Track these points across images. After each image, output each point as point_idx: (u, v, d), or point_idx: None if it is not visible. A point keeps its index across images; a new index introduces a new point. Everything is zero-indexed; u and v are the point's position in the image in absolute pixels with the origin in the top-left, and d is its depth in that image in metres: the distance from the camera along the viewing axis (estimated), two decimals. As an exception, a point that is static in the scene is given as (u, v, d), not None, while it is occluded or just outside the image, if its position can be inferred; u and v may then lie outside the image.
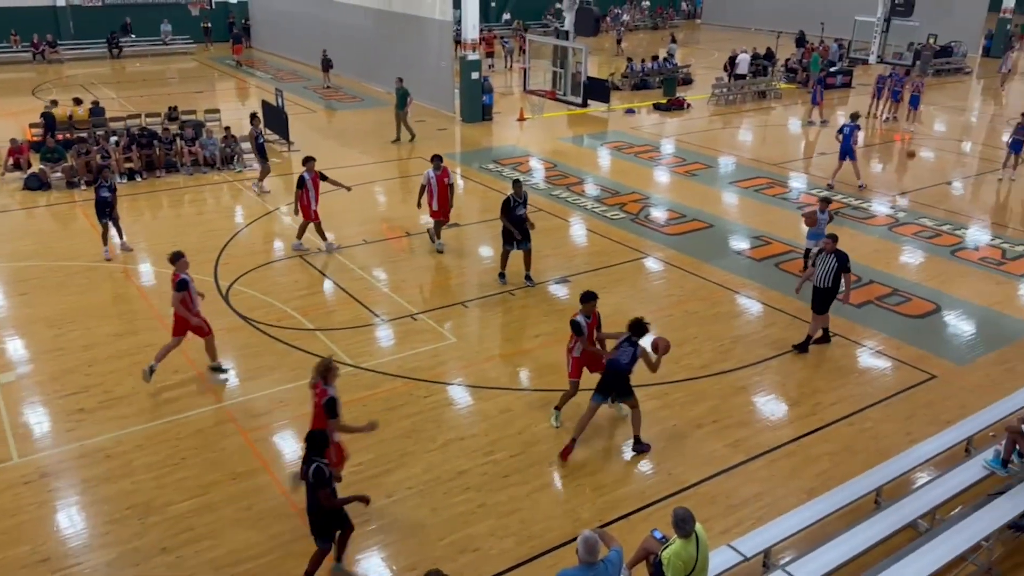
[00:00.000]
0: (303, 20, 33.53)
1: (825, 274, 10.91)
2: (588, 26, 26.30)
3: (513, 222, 12.74)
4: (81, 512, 8.02)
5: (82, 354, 10.89)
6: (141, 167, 18.63)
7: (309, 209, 14.08)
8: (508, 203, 12.73)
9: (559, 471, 8.71)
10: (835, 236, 11.17)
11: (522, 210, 12.81)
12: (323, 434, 6.89)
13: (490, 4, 44.70)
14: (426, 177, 14.02)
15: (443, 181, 14.00)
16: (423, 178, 14.07)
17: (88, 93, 26.24)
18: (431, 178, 13.94)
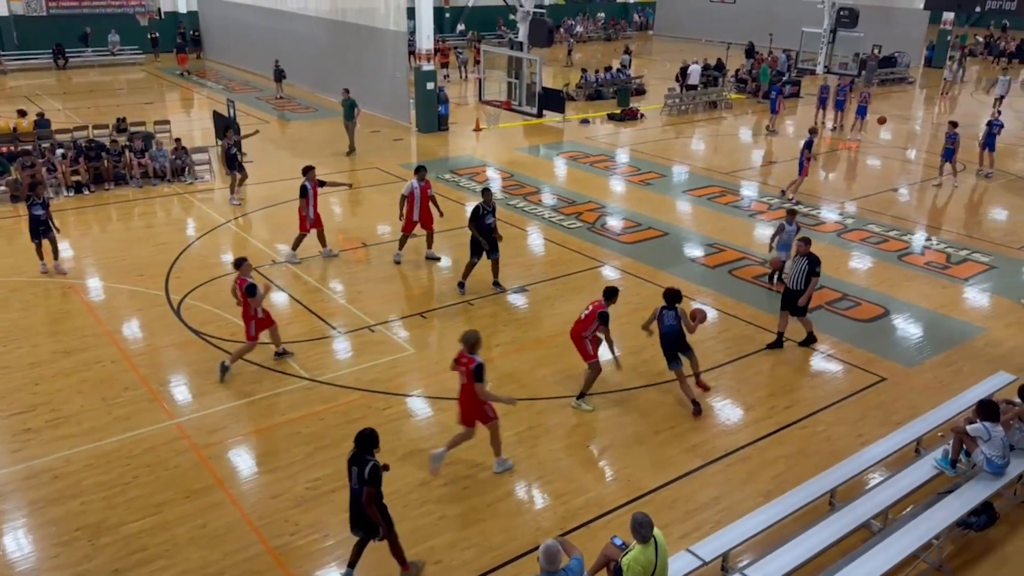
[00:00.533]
0: (255, 30, 33.18)
1: (797, 276, 11.25)
2: (541, 37, 26.47)
3: (482, 231, 12.75)
4: (28, 535, 7.77)
5: (28, 372, 10.58)
6: (89, 180, 18.21)
7: (307, 220, 14.12)
8: (477, 211, 12.73)
9: (519, 481, 8.71)
10: (808, 240, 11.45)
11: (491, 219, 12.85)
12: (373, 432, 7.00)
13: (444, 15, 44.77)
14: (409, 187, 13.87)
15: (426, 192, 13.95)
16: (405, 188, 13.93)
17: (33, 105, 25.59)
18: (415, 188, 13.83)
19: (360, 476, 6.85)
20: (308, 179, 14.00)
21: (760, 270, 14.47)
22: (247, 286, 10.19)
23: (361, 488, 6.88)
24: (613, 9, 53.64)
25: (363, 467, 6.85)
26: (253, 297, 10.20)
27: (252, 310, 10.29)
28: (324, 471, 8.70)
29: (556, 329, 12.14)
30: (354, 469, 6.90)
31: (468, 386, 8.42)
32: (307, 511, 8.15)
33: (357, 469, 6.87)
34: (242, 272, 10.31)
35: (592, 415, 9.93)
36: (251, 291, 10.18)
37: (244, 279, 10.25)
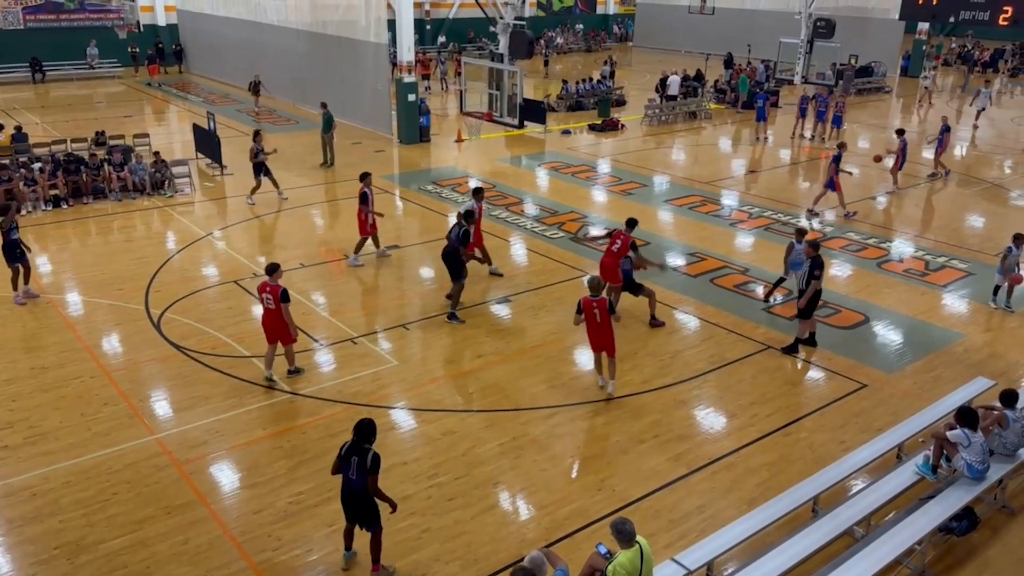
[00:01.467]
0: (235, 43, 33.10)
1: (802, 277, 11.49)
2: (522, 49, 26.59)
3: None
4: (5, 555, 7.64)
5: (5, 388, 10.43)
6: (67, 194, 18.04)
7: (367, 224, 14.53)
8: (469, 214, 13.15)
9: (504, 492, 8.68)
10: (816, 243, 11.62)
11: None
12: (372, 423, 7.21)
13: (425, 27, 44.89)
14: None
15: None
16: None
17: (10, 118, 25.34)
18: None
19: (362, 465, 7.02)
20: (366, 185, 14.51)
21: (741, 279, 14.57)
22: (282, 292, 10.27)
23: (362, 478, 7.04)
24: (593, 21, 54.03)
25: (364, 456, 7.03)
26: (287, 303, 10.30)
27: (285, 315, 10.34)
28: (306, 485, 8.63)
29: (540, 339, 12.15)
30: (354, 459, 7.04)
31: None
32: (290, 526, 8.08)
33: (358, 459, 7.03)
34: (274, 278, 10.38)
35: (575, 425, 9.93)
36: (285, 297, 10.27)
37: (277, 285, 10.34)
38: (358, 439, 7.12)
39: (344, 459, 7.14)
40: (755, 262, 15.43)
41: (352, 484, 7.13)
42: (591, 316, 10.18)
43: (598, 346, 10.46)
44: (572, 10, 53.20)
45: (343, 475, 7.19)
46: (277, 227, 17.22)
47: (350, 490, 7.17)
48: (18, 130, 21.50)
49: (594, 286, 10.23)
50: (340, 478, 7.23)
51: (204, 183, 20.14)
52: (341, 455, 7.18)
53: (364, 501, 7.18)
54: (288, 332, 10.50)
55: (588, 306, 10.15)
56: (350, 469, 7.10)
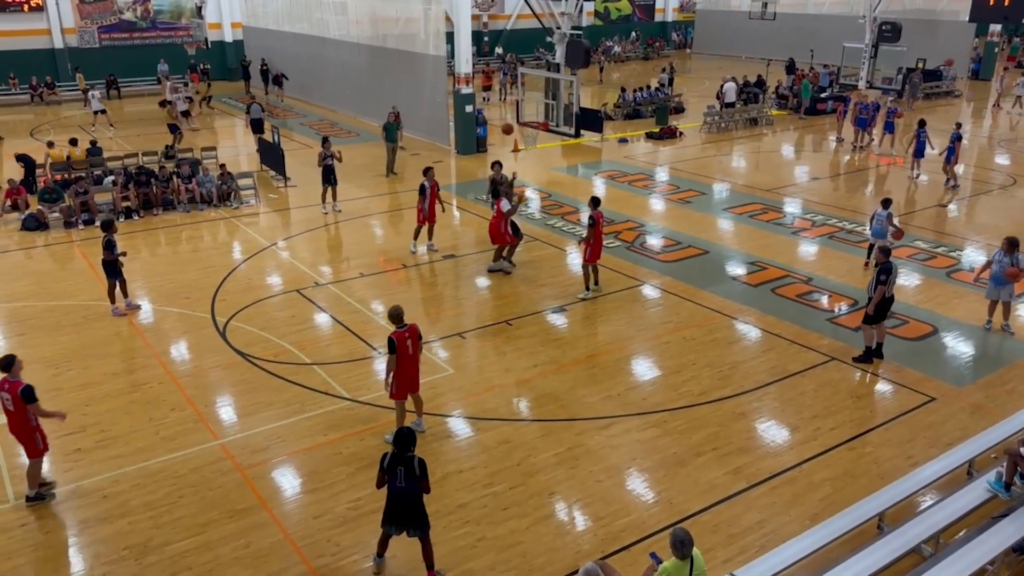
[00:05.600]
0: (298, 58, 33.91)
1: (871, 284, 11.34)
2: (578, 58, 26.58)
3: None
4: (78, 554, 7.94)
5: (79, 393, 10.86)
6: (138, 205, 18.72)
7: (422, 213, 15.73)
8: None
9: (559, 502, 8.65)
10: (887, 249, 11.39)
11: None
12: (411, 431, 7.37)
13: (483, 38, 45.28)
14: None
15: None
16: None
17: (86, 134, 26.44)
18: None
19: (410, 473, 7.15)
20: (427, 179, 15.49)
21: (804, 288, 14.28)
22: (23, 390, 8.43)
23: (414, 485, 7.19)
24: (651, 28, 53.70)
25: (410, 463, 7.15)
26: (33, 403, 8.45)
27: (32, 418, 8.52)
28: (365, 491, 8.74)
29: (595, 349, 12.09)
30: (400, 469, 7.16)
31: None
32: (348, 531, 8.20)
33: (404, 468, 7.15)
34: (12, 373, 8.56)
35: (631, 436, 9.84)
36: (28, 396, 8.40)
37: (17, 382, 8.51)
38: (399, 449, 7.20)
39: (389, 471, 7.22)
40: (819, 271, 15.08)
41: (402, 492, 7.23)
42: (403, 349, 9.13)
43: (413, 383, 9.49)
44: (630, 18, 53.00)
45: (389, 486, 7.27)
46: (338, 237, 17.54)
47: (401, 498, 7.26)
48: (93, 144, 22.42)
49: (396, 316, 9.13)
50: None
51: (268, 195, 20.67)
52: (384, 467, 7.24)
53: (415, 507, 7.31)
54: (33, 441, 8.50)
55: (401, 340, 9.10)
56: (397, 479, 7.20)
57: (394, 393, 9.42)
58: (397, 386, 9.37)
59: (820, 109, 31.16)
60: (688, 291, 14.16)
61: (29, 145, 24.94)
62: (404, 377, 9.37)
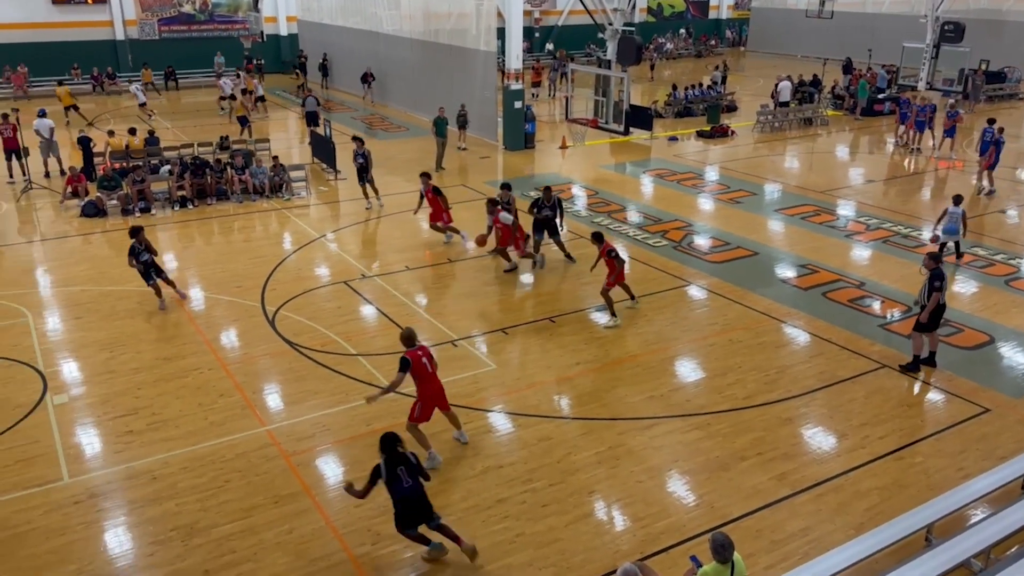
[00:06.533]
0: (352, 53, 34.30)
1: (923, 290, 11.07)
2: (630, 55, 26.41)
3: (539, 222, 14.85)
4: (127, 533, 8.17)
5: (132, 377, 11.16)
6: (193, 195, 19.14)
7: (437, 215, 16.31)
8: (536, 204, 14.87)
9: (599, 501, 8.62)
10: (936, 256, 11.08)
11: (548, 212, 14.72)
12: (391, 433, 7.54)
13: (534, 34, 45.21)
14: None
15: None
16: None
17: (144, 123, 27.12)
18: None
19: (412, 469, 7.39)
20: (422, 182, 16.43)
21: (856, 293, 13.98)
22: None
23: (417, 481, 7.41)
24: (704, 26, 53.02)
25: (407, 460, 7.38)
26: None
27: None
28: (406, 483, 8.81)
29: (638, 349, 12.01)
30: (400, 469, 7.34)
31: None
32: (388, 521, 8.24)
33: (404, 467, 7.35)
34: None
35: (674, 438, 9.75)
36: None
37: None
38: (389, 453, 7.35)
39: (390, 477, 7.33)
40: (872, 276, 14.75)
41: (411, 491, 7.40)
42: (422, 368, 8.88)
43: (441, 400, 9.18)
44: (683, 15, 52.41)
45: (396, 490, 7.39)
46: (385, 230, 17.70)
47: (411, 496, 7.41)
48: (151, 134, 22.99)
49: (408, 338, 8.94)
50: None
51: (319, 187, 20.95)
52: (385, 477, 7.34)
53: (424, 500, 7.52)
54: None
55: (417, 360, 8.84)
56: (402, 481, 7.34)
57: (417, 416, 9.07)
58: (421, 409, 9.05)
59: (877, 110, 30.44)
60: (736, 293, 13.97)
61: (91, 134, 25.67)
62: (428, 396, 9.06)
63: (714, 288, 14.20)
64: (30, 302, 13.59)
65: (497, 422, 10.15)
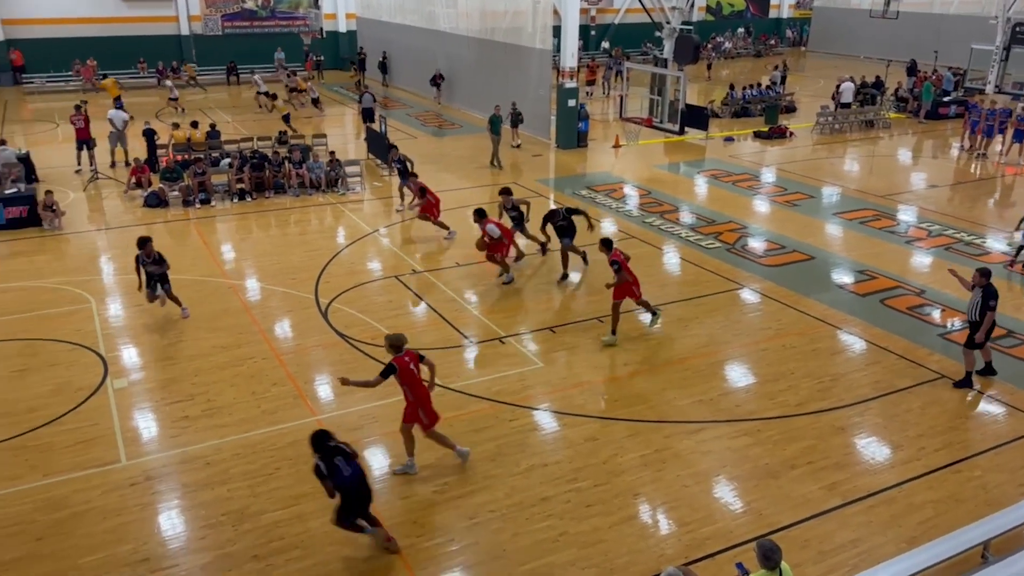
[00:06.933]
0: (408, 50, 34.62)
1: (973, 307, 10.70)
2: (687, 53, 26.12)
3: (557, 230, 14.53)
4: (180, 516, 8.39)
5: (189, 363, 11.45)
6: (251, 188, 19.55)
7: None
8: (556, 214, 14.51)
9: (644, 504, 8.55)
10: (987, 271, 10.75)
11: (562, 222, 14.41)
12: (317, 431, 7.71)
13: (590, 32, 45.03)
14: None
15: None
16: None
17: (206, 117, 27.79)
18: None
19: (348, 456, 7.58)
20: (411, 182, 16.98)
21: (916, 301, 13.61)
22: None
23: (357, 466, 7.61)
24: (764, 25, 52.11)
25: (342, 451, 7.58)
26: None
27: None
28: (451, 476, 8.89)
29: (688, 352, 11.88)
30: (338, 459, 7.50)
31: None
32: (433, 514, 8.36)
33: (342, 458, 7.53)
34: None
35: (722, 443, 9.62)
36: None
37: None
38: (322, 449, 7.48)
39: (330, 469, 7.44)
40: (932, 283, 14.33)
41: (354, 479, 7.55)
42: (410, 374, 8.63)
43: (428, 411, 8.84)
44: (743, 14, 51.60)
45: (340, 481, 7.47)
46: (436, 227, 17.82)
47: (356, 484, 7.57)
48: (212, 127, 23.55)
49: (396, 346, 8.66)
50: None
51: (373, 183, 21.22)
52: (326, 473, 7.43)
53: (367, 484, 7.70)
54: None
55: (404, 366, 8.58)
56: (341, 470, 7.48)
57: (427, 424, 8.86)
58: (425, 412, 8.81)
59: (942, 114, 29.54)
60: (790, 297, 13.71)
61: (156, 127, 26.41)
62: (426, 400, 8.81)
63: (768, 292, 13.97)
64: (94, 288, 14.06)
65: (543, 420, 10.15)
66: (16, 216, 17.07)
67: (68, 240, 16.72)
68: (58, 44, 35.16)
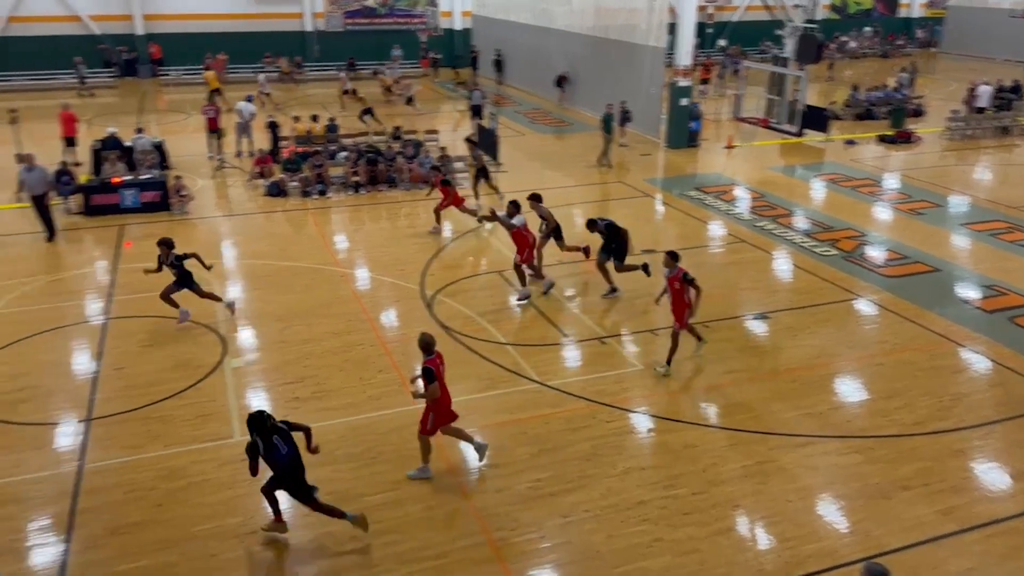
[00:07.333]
0: (522, 47, 34.83)
1: None
2: (810, 53, 25.17)
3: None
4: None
5: (301, 348, 11.92)
6: (365, 181, 20.15)
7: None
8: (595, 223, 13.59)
9: (743, 516, 8.32)
10: None
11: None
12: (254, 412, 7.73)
13: (706, 30, 44.05)
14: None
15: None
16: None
17: (325, 111, 28.81)
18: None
19: (286, 435, 7.65)
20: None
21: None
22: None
23: (293, 447, 7.67)
24: (893, 24, 49.58)
25: (279, 430, 7.63)
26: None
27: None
28: (545, 473, 8.91)
29: (798, 362, 11.48)
30: (275, 438, 7.57)
31: None
32: (527, 509, 8.40)
33: (279, 436, 7.60)
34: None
35: (830, 459, 9.24)
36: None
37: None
38: (260, 430, 7.52)
39: (267, 448, 7.52)
40: (1070, 303, 13.32)
41: (290, 459, 7.64)
42: (441, 377, 8.64)
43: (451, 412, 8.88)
44: (870, 13, 49.27)
45: (275, 460, 7.59)
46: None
47: (291, 464, 7.66)
48: (331, 121, 24.41)
49: (427, 345, 8.68)
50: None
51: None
52: (261, 452, 7.52)
53: (302, 470, 7.78)
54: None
55: (436, 368, 8.58)
56: (278, 450, 7.58)
57: (429, 429, 8.79)
58: (435, 420, 8.75)
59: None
60: (911, 311, 13.03)
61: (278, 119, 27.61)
62: (445, 405, 8.82)
63: (886, 304, 13.31)
64: (217, 272, 14.81)
65: (640, 424, 10.02)
66: (151, 200, 18.21)
67: (194, 224, 17.70)
68: (192, 38, 37.28)
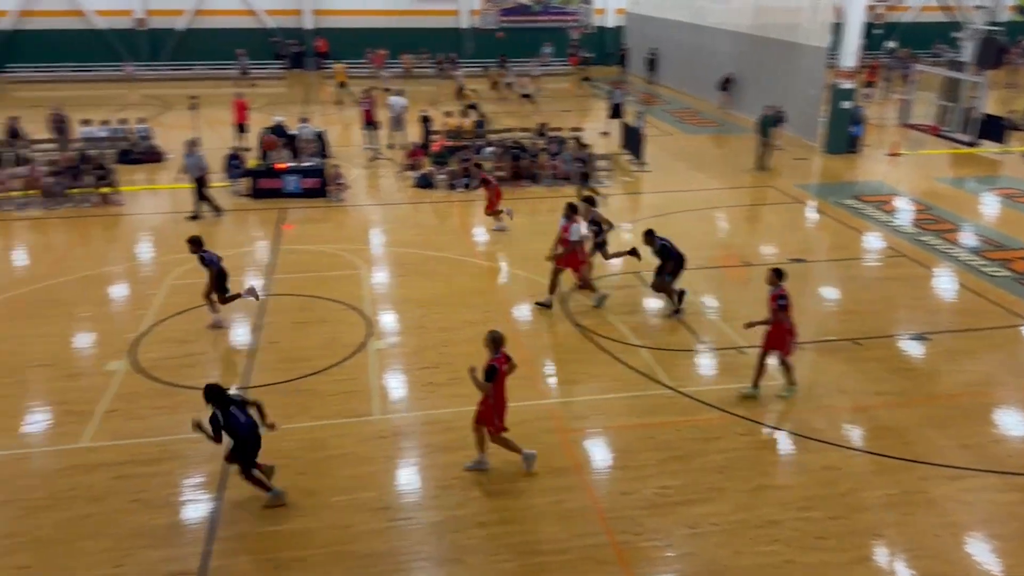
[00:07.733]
0: (676, 46, 34.22)
1: None
2: (990, 57, 23.27)
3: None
4: (419, 473, 9.05)
5: (439, 335, 12.27)
6: (509, 176, 20.45)
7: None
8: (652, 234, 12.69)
9: (883, 547, 7.84)
10: None
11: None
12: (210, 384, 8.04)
13: (872, 30, 41.55)
14: None
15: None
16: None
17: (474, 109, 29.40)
18: None
19: (243, 404, 8.09)
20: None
21: None
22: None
23: (250, 416, 8.05)
24: (1093, 25, 44.88)
25: (237, 400, 8.09)
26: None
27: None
28: (674, 481, 8.74)
29: (957, 388, 10.68)
30: (232, 408, 7.94)
31: None
32: (652, 516, 8.27)
33: (236, 407, 7.99)
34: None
35: (988, 496, 8.54)
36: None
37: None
38: (220, 403, 7.84)
39: (227, 418, 7.83)
40: None
41: (251, 427, 8.02)
42: (501, 377, 8.61)
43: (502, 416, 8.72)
44: (1064, 13, 44.86)
45: (238, 429, 7.91)
46: (685, 226, 17.50)
47: (252, 433, 8.04)
48: (481, 115, 24.92)
49: (496, 342, 8.64)
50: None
51: (623, 177, 21.28)
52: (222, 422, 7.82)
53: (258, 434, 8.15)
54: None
55: (501, 367, 8.56)
56: (239, 417, 7.93)
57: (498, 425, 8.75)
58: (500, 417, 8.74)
59: None
60: (1092, 342, 11.82)
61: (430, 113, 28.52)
62: (499, 408, 8.75)
63: (1063, 333, 12.15)
64: (366, 257, 15.52)
65: (777, 440, 9.64)
66: (311, 186, 19.27)
67: (348, 212, 18.58)
68: (355, 33, 39.11)
